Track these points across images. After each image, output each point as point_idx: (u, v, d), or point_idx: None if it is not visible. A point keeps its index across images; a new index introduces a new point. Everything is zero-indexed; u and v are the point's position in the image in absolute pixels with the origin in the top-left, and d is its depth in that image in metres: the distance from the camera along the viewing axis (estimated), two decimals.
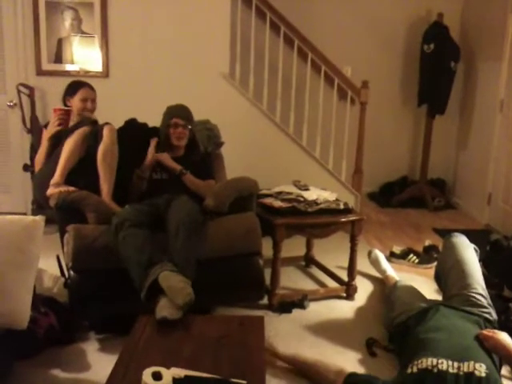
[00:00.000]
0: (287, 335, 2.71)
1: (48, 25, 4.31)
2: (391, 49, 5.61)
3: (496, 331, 2.19)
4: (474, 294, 2.49)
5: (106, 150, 2.96)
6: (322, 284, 3.43)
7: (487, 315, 2.43)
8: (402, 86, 5.74)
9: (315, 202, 3.09)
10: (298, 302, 3.06)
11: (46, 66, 4.36)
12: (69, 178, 2.87)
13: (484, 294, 2.52)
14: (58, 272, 2.87)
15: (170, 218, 2.66)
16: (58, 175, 2.84)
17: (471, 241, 2.89)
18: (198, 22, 4.37)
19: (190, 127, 3.15)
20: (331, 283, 3.38)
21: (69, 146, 2.91)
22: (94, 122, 3.12)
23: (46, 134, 3.11)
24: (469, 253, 2.75)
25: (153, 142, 3.10)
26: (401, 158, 5.90)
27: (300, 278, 3.52)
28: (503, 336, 2.14)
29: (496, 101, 4.80)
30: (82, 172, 2.93)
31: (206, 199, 2.89)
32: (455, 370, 1.95)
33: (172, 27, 4.37)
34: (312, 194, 3.14)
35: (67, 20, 4.32)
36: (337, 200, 3.20)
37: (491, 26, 4.98)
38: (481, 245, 3.04)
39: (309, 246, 3.69)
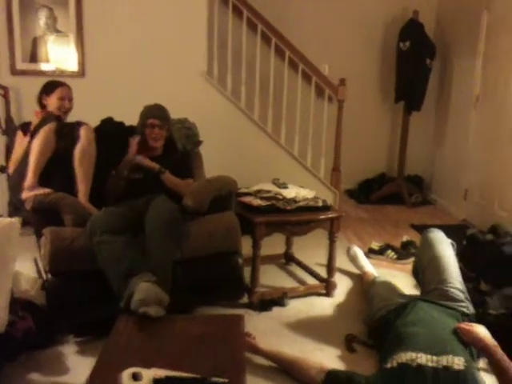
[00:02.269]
0: (267, 333, 2.72)
1: (22, 24, 4.24)
2: (368, 47, 5.65)
3: (473, 324, 2.23)
4: (451, 289, 2.53)
5: (83, 151, 2.93)
6: (301, 281, 3.45)
7: (464, 309, 2.46)
8: (380, 83, 5.78)
9: (294, 200, 3.10)
10: (277, 299, 3.07)
11: (21, 65, 4.30)
12: (43, 179, 2.83)
13: (461, 288, 2.56)
14: (35, 275, 2.83)
15: (148, 218, 2.64)
16: (30, 177, 2.80)
17: (448, 236, 2.93)
18: (174, 21, 4.35)
19: (166, 127, 3.13)
20: (311, 280, 3.39)
21: (36, 145, 2.86)
22: (58, 118, 3.08)
23: (22, 138, 3.07)
24: (446, 248, 2.79)
25: (134, 141, 3.08)
26: (379, 155, 5.95)
27: (280, 276, 3.53)
28: (480, 329, 2.17)
29: (471, 97, 4.86)
30: (57, 172, 2.90)
31: (184, 198, 2.88)
32: (434, 364, 1.97)
33: (148, 25, 4.34)
34: (291, 192, 3.14)
35: (42, 19, 4.26)
36: (315, 197, 3.21)
37: (466, 23, 5.05)
38: (457, 240, 3.07)
39: (288, 244, 3.70)
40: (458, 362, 1.97)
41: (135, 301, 2.21)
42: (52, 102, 3.15)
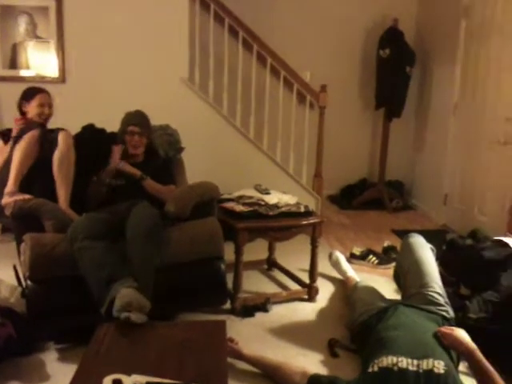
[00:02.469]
0: (250, 338, 2.72)
1: (2, 30, 4.21)
2: (349, 54, 5.71)
3: (454, 328, 2.25)
4: (431, 293, 2.55)
5: (62, 157, 2.91)
6: (284, 287, 3.45)
7: (444, 313, 2.49)
8: (360, 90, 5.84)
9: (276, 206, 3.11)
10: (260, 305, 3.07)
11: (1, 71, 4.27)
12: (24, 185, 2.81)
13: (441, 292, 2.58)
14: (14, 282, 2.80)
15: (129, 224, 2.63)
16: (11, 183, 2.78)
17: (428, 241, 2.96)
18: (156, 27, 4.35)
19: (146, 134, 3.14)
20: (293, 286, 3.40)
21: (19, 152, 2.84)
22: (42, 125, 3.06)
23: (2, 146, 3.04)
24: (426, 252, 2.82)
25: (117, 148, 3.07)
26: (360, 161, 6.00)
27: (262, 282, 3.53)
28: (460, 333, 2.19)
29: (450, 104, 4.93)
30: (38, 179, 2.88)
31: (166, 204, 2.88)
32: (415, 368, 1.99)
33: (130, 32, 4.33)
34: (273, 198, 3.16)
35: (22, 25, 4.24)
36: (298, 203, 3.23)
37: (444, 31, 5.12)
38: (437, 244, 3.11)
39: (270, 250, 3.71)
40: (438, 366, 1.99)
41: (117, 306, 2.20)
42: (32, 109, 3.14)
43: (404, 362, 2.01)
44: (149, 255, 2.54)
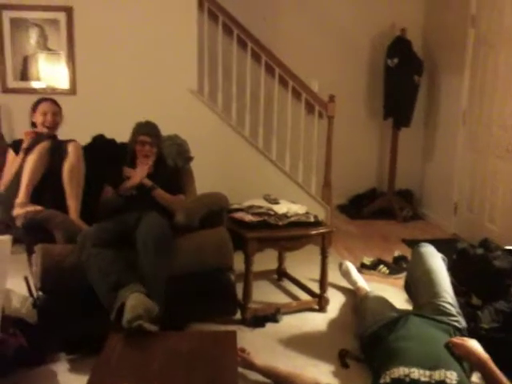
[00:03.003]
0: (261, 349, 2.70)
1: (13, 42, 4.27)
2: (357, 63, 5.71)
3: (465, 338, 2.23)
4: (442, 303, 2.53)
5: (71, 168, 2.93)
6: (294, 297, 3.44)
7: (456, 323, 2.47)
8: (368, 99, 5.84)
9: (285, 216, 3.11)
10: (270, 315, 3.06)
11: (12, 83, 4.31)
12: (35, 196, 2.82)
13: (453, 302, 2.56)
14: (25, 292, 2.81)
15: (139, 235, 2.64)
16: (22, 194, 2.79)
17: (439, 250, 2.94)
18: (165, 39, 4.39)
19: (157, 144, 3.15)
20: (303, 296, 3.39)
21: (30, 163, 2.86)
22: (53, 137, 3.09)
23: (14, 158, 3.07)
24: (437, 262, 2.80)
25: (144, 166, 3.08)
26: (369, 171, 5.98)
27: (272, 292, 3.52)
28: (473, 343, 2.18)
29: (458, 113, 4.92)
30: (48, 190, 2.89)
31: (176, 215, 2.89)
32: (427, 379, 1.98)
33: (139, 43, 4.37)
34: (282, 208, 3.16)
35: (32, 37, 4.29)
36: (307, 213, 3.23)
37: (452, 40, 5.12)
38: (448, 254, 3.09)
39: (280, 260, 3.70)
40: (450, 377, 1.97)
41: (127, 317, 2.21)
42: (37, 118, 3.17)
43: (416, 373, 2.00)
44: (160, 265, 2.55)
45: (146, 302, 2.30)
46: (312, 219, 3.18)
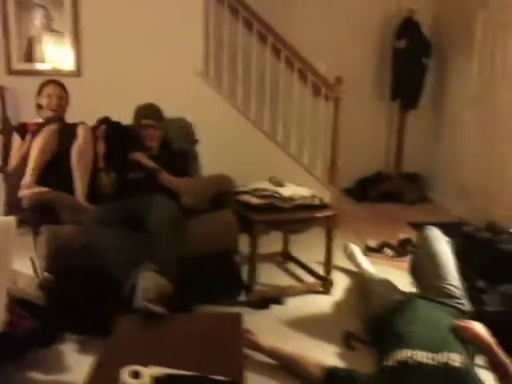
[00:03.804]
0: (266, 331, 2.72)
1: (17, 23, 4.23)
2: (364, 44, 5.65)
3: (471, 321, 2.23)
4: (447, 286, 2.53)
5: (81, 150, 2.93)
6: (299, 279, 3.45)
7: (461, 306, 2.47)
8: (376, 81, 5.79)
9: (291, 198, 3.10)
10: (276, 297, 3.07)
11: (17, 65, 4.29)
12: (42, 178, 2.82)
13: (458, 285, 2.56)
14: (31, 273, 2.83)
15: (151, 217, 2.64)
16: (28, 176, 2.80)
17: (445, 233, 2.93)
18: (170, 20, 4.35)
19: (161, 126, 3.14)
20: (308, 278, 3.40)
21: (37, 145, 2.86)
22: (61, 119, 3.08)
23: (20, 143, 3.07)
24: (442, 245, 2.80)
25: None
26: (376, 153, 5.94)
27: (278, 274, 3.53)
28: (478, 326, 2.18)
29: (467, 95, 4.87)
30: (55, 172, 2.90)
31: (182, 197, 2.88)
32: (430, 361, 1.98)
33: (145, 25, 4.33)
34: (287, 190, 3.15)
35: (37, 18, 4.25)
36: (312, 196, 3.22)
37: (461, 22, 5.06)
38: (454, 237, 3.08)
39: (285, 242, 3.70)
40: (454, 359, 1.97)
41: (139, 292, 2.23)
42: (42, 101, 3.17)
43: (419, 355, 2.00)
44: (176, 246, 2.56)
45: (160, 281, 2.32)
46: (317, 202, 3.18)
